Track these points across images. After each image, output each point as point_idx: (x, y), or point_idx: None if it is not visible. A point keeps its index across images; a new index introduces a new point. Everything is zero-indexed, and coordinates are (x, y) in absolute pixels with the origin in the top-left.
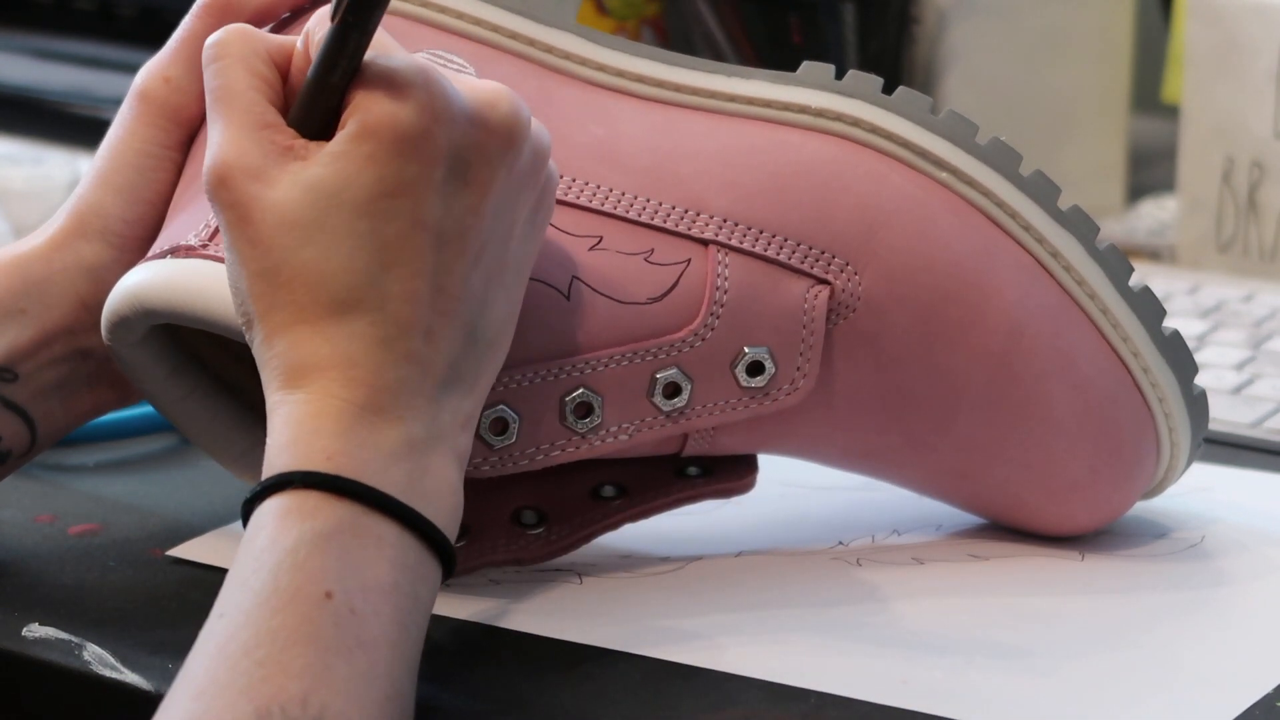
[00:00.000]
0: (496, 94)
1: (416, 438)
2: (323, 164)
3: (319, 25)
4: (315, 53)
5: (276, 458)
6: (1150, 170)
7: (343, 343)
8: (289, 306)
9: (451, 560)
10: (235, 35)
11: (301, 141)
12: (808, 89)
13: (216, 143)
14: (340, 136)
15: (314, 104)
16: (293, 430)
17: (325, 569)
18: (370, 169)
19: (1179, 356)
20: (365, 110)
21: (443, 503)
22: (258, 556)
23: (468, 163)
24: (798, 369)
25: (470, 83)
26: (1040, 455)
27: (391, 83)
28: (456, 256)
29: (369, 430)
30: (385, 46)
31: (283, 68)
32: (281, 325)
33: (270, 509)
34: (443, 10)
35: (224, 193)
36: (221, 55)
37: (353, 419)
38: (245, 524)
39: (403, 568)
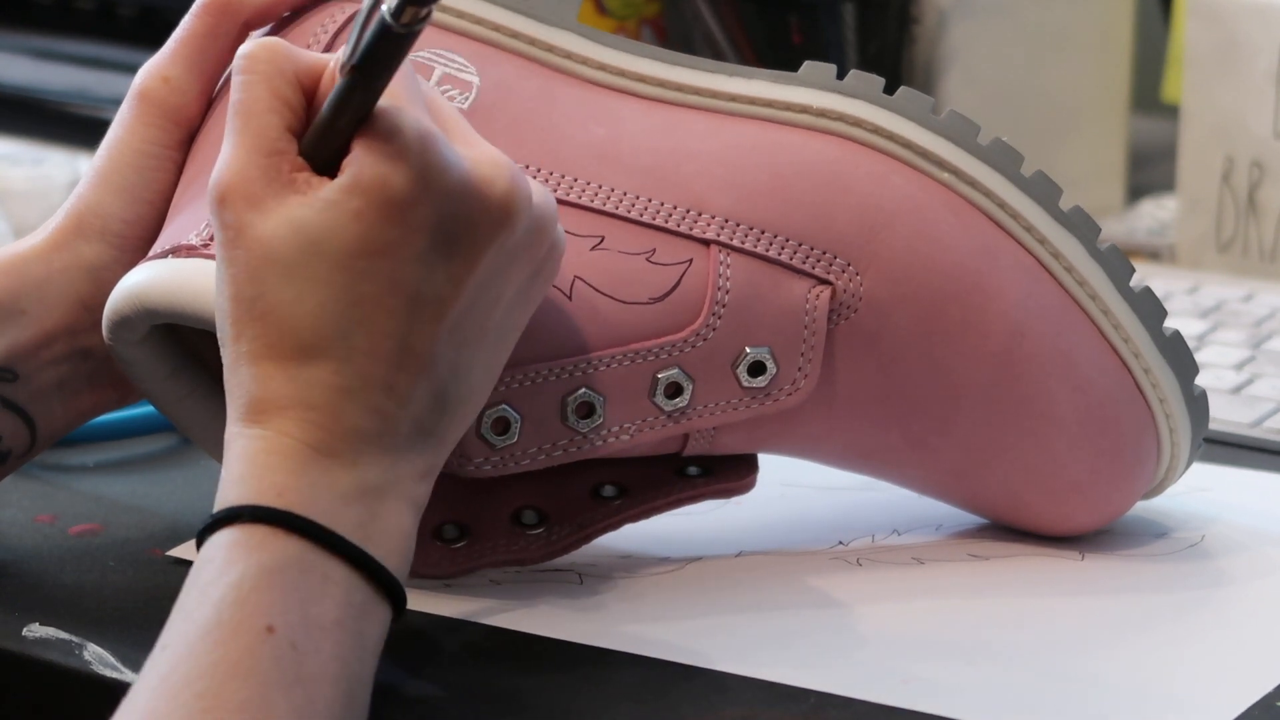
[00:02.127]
0: (495, 169)
1: (370, 483)
2: (314, 208)
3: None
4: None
5: (229, 491)
6: (1150, 170)
7: (304, 386)
8: (258, 339)
9: (401, 602)
10: (266, 52)
11: (305, 175)
12: (809, 89)
13: (225, 159)
14: (334, 185)
15: (322, 141)
16: (246, 465)
17: (269, 603)
18: (355, 225)
19: (1180, 357)
20: (360, 165)
21: (393, 545)
22: (203, 589)
23: (455, 236)
24: (799, 369)
25: (473, 154)
26: (1041, 455)
27: (390, 143)
28: (430, 322)
29: (322, 471)
30: (400, 99)
31: (309, 90)
32: (248, 355)
33: (219, 542)
34: (444, 9)
35: (223, 211)
36: (248, 70)
37: (307, 459)
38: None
39: (348, 606)
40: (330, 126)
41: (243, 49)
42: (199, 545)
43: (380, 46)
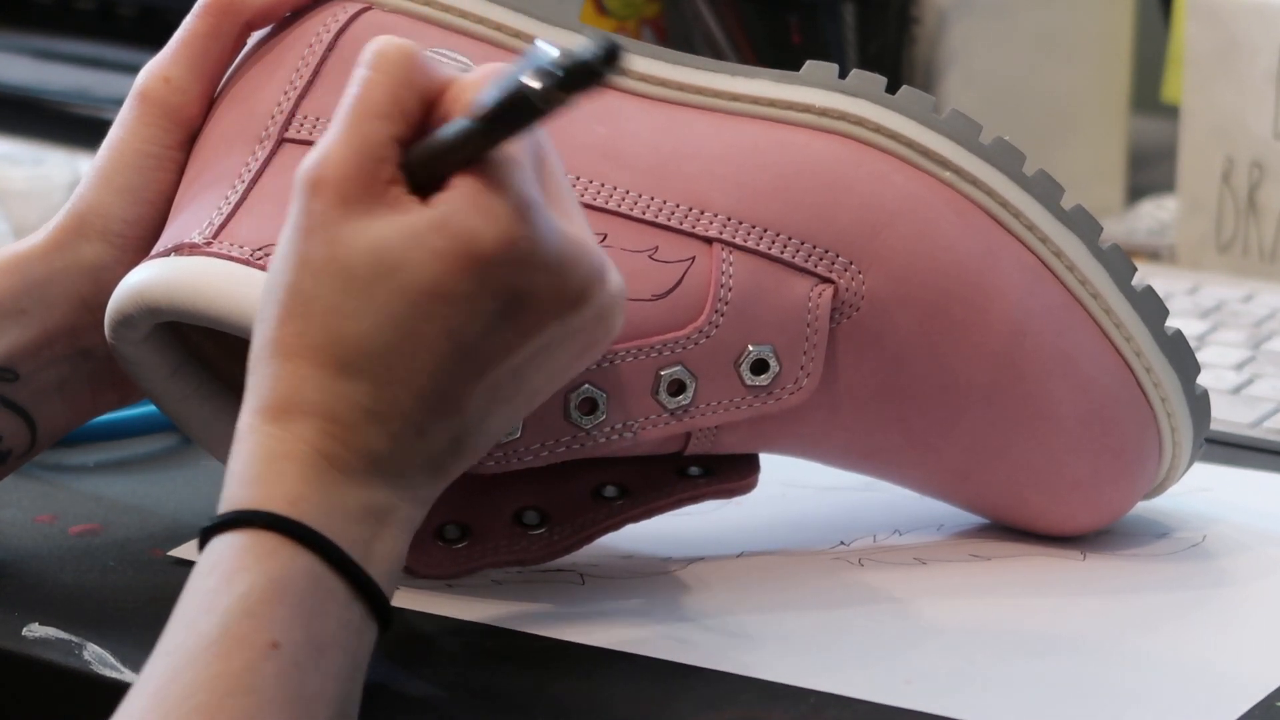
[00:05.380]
0: (582, 253)
1: (376, 504)
2: (397, 231)
3: (480, 90)
4: (455, 118)
5: (240, 490)
6: (1150, 170)
7: (334, 399)
8: (302, 336)
9: (388, 626)
10: (399, 55)
11: (399, 189)
12: (811, 88)
13: (328, 149)
14: (423, 216)
15: (425, 166)
16: (261, 466)
17: (275, 619)
18: (431, 265)
19: (1181, 356)
20: (454, 208)
21: (387, 567)
22: (209, 596)
23: (523, 307)
24: (801, 368)
25: (566, 231)
26: (1042, 455)
27: (491, 199)
28: (473, 374)
29: (334, 485)
30: (516, 156)
31: (429, 102)
32: (285, 348)
33: (227, 545)
34: (447, 9)
35: (312, 198)
36: (376, 68)
37: (321, 471)
38: (200, 550)
39: (345, 625)
40: (439, 157)
41: (376, 44)
42: (203, 541)
43: (516, 113)
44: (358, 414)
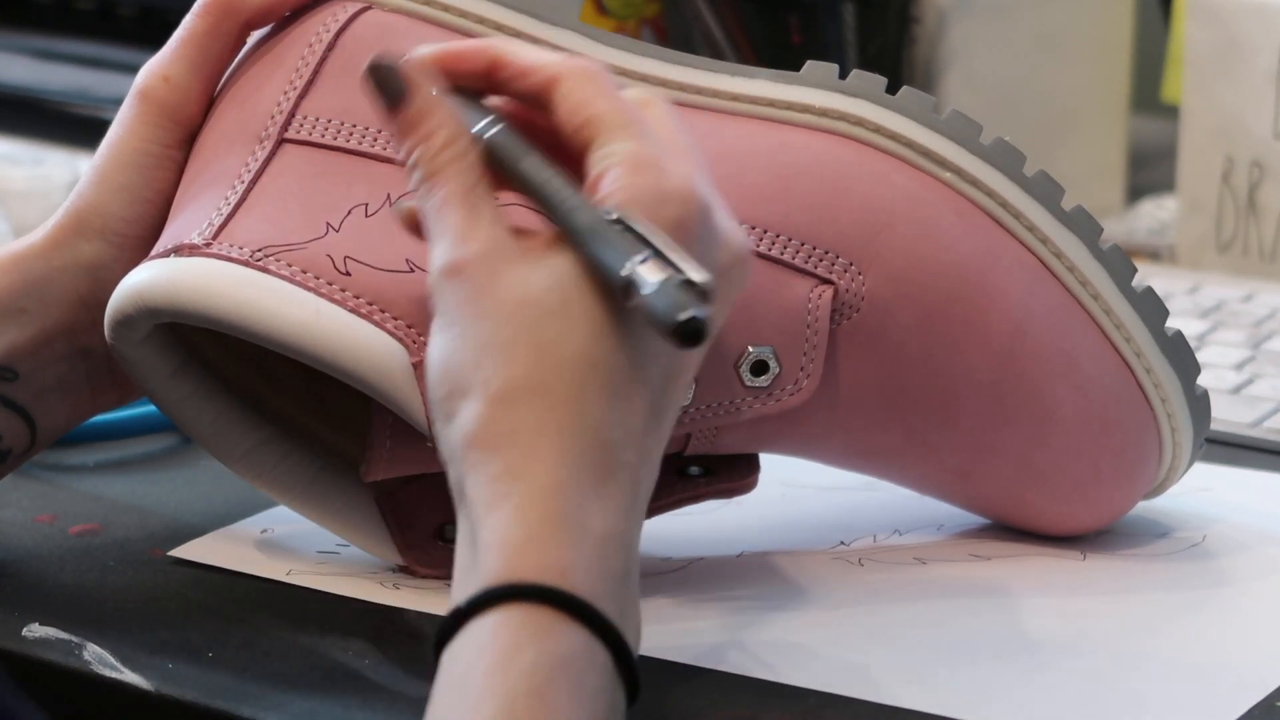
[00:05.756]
0: (733, 230)
1: (626, 567)
2: (566, 256)
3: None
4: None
5: (502, 561)
6: (1150, 170)
7: (574, 437)
8: (522, 378)
9: (636, 698)
10: (453, 149)
11: (521, 239)
12: (811, 88)
13: (453, 238)
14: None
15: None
16: (525, 531)
17: (559, 698)
18: None
19: (1181, 357)
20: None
21: (636, 634)
22: (488, 677)
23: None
24: (801, 369)
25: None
26: (1043, 455)
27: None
28: (676, 374)
29: (597, 549)
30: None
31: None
32: (509, 396)
33: (500, 622)
34: (446, 9)
35: (459, 281)
36: (441, 173)
37: (582, 532)
38: (458, 621)
39: (612, 702)
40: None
41: (427, 147)
42: (467, 614)
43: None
44: (595, 446)
